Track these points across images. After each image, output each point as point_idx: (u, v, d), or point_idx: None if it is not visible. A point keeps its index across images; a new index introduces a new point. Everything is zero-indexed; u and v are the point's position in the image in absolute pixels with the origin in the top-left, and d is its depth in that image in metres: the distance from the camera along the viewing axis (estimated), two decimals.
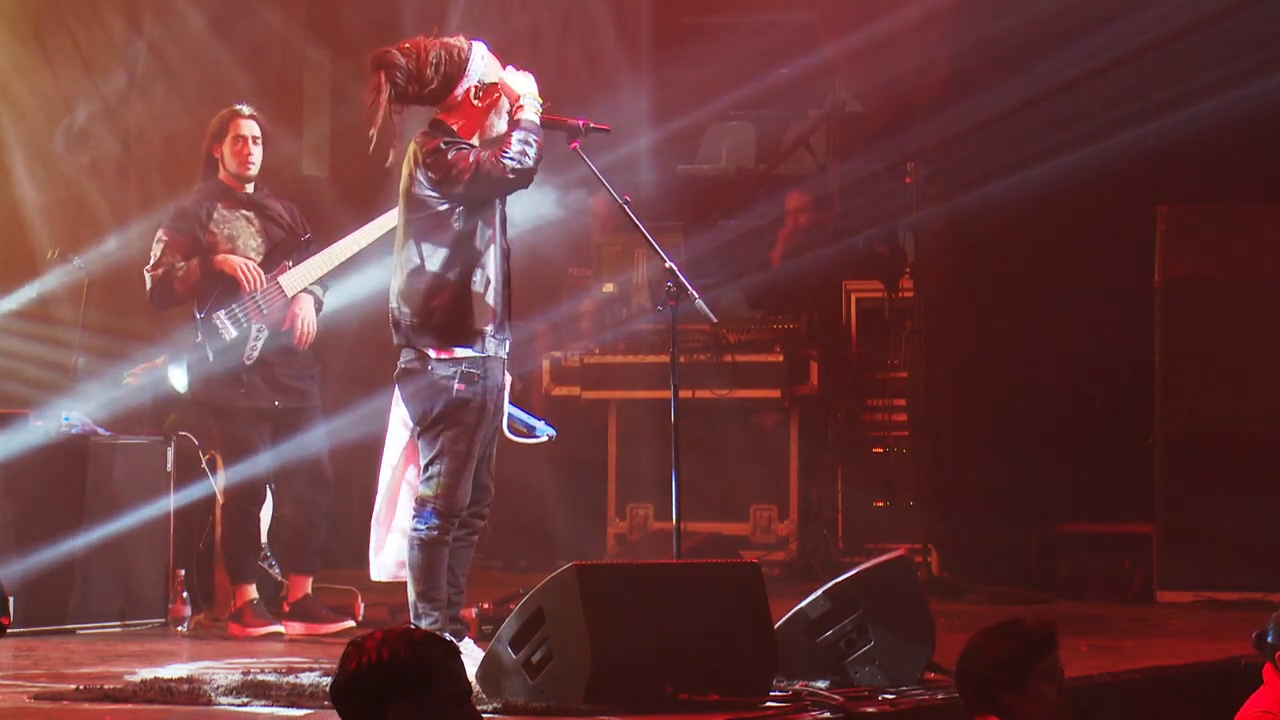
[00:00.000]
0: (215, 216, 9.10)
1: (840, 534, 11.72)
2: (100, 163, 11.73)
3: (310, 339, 9.10)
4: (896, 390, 11.74)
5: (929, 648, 7.19)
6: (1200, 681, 7.74)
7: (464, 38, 7.44)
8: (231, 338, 9.00)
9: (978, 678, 5.17)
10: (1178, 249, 10.71)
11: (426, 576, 7.26)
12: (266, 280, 9.05)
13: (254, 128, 9.12)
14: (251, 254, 9.07)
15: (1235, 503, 10.48)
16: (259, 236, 9.13)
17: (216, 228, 9.10)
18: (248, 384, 9.03)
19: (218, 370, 9.05)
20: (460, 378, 7.21)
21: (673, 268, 7.40)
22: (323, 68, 13.12)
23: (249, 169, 9.15)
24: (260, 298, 9.02)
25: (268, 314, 9.04)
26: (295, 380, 9.13)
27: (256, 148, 9.13)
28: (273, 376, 9.07)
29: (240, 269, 8.99)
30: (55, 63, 11.63)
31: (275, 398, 9.07)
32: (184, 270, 9.04)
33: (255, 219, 9.15)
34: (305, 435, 9.15)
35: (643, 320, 12.01)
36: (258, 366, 9.04)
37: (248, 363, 9.01)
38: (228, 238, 9.09)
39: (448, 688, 4.18)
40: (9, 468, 9.09)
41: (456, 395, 7.21)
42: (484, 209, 7.27)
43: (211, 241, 9.07)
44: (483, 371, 7.25)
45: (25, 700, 6.83)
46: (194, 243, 9.08)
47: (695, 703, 6.44)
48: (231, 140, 9.13)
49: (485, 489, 7.47)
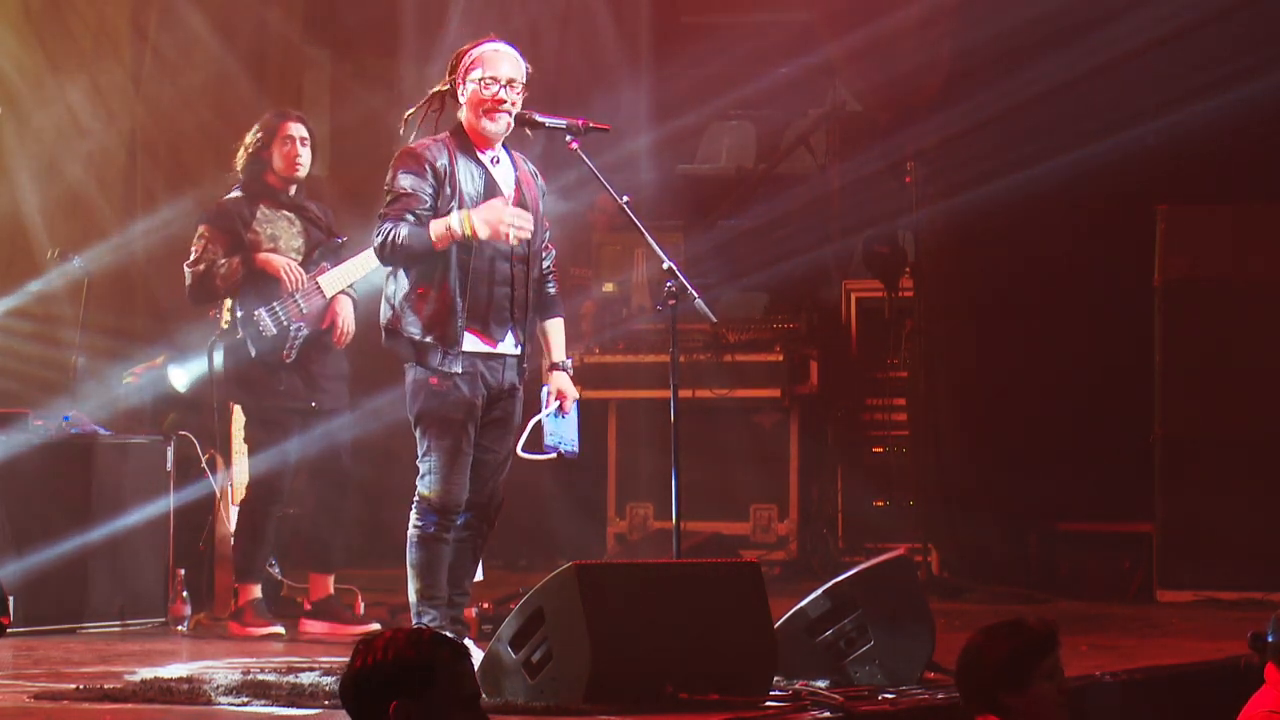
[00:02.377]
0: (258, 216, 9.16)
1: (840, 534, 11.72)
2: (101, 163, 11.73)
3: (349, 339, 9.14)
4: (896, 390, 11.74)
5: (929, 647, 7.19)
6: (1200, 681, 7.74)
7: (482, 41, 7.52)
8: (272, 335, 9.04)
9: (978, 677, 5.16)
10: (1178, 249, 10.71)
11: (426, 574, 7.28)
12: (307, 281, 9.10)
13: (302, 130, 9.20)
14: (293, 254, 9.14)
15: (1235, 503, 10.48)
16: (300, 237, 9.19)
17: (259, 227, 9.15)
18: (286, 383, 9.07)
19: (256, 367, 9.08)
20: (433, 373, 7.26)
21: (672, 267, 7.40)
22: (323, 68, 13.12)
23: (297, 170, 9.21)
24: (301, 298, 9.08)
25: (307, 314, 9.09)
26: (331, 381, 9.18)
27: (305, 149, 9.19)
28: (310, 376, 9.12)
29: (284, 269, 9.05)
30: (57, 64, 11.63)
31: (313, 398, 9.11)
32: (226, 267, 9.09)
33: (296, 220, 9.21)
34: (333, 435, 9.16)
35: (643, 320, 12.01)
36: (296, 366, 9.08)
37: (287, 361, 9.06)
38: (270, 237, 9.15)
39: (453, 689, 4.18)
40: (9, 468, 9.09)
41: (432, 390, 7.28)
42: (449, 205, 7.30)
43: (254, 240, 9.13)
44: (462, 367, 7.26)
45: (25, 700, 6.83)
46: (236, 240, 9.12)
47: (695, 702, 6.43)
48: (280, 141, 9.19)
49: (491, 495, 7.46)
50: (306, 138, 9.20)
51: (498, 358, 7.39)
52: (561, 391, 7.55)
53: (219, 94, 11.98)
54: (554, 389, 7.56)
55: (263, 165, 9.21)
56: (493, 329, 7.37)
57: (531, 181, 7.55)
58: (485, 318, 7.34)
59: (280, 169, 9.19)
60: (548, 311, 7.62)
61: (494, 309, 7.37)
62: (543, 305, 7.58)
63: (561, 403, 7.54)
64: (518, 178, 7.50)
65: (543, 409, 7.53)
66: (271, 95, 11.99)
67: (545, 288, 7.60)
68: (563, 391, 7.55)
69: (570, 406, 7.56)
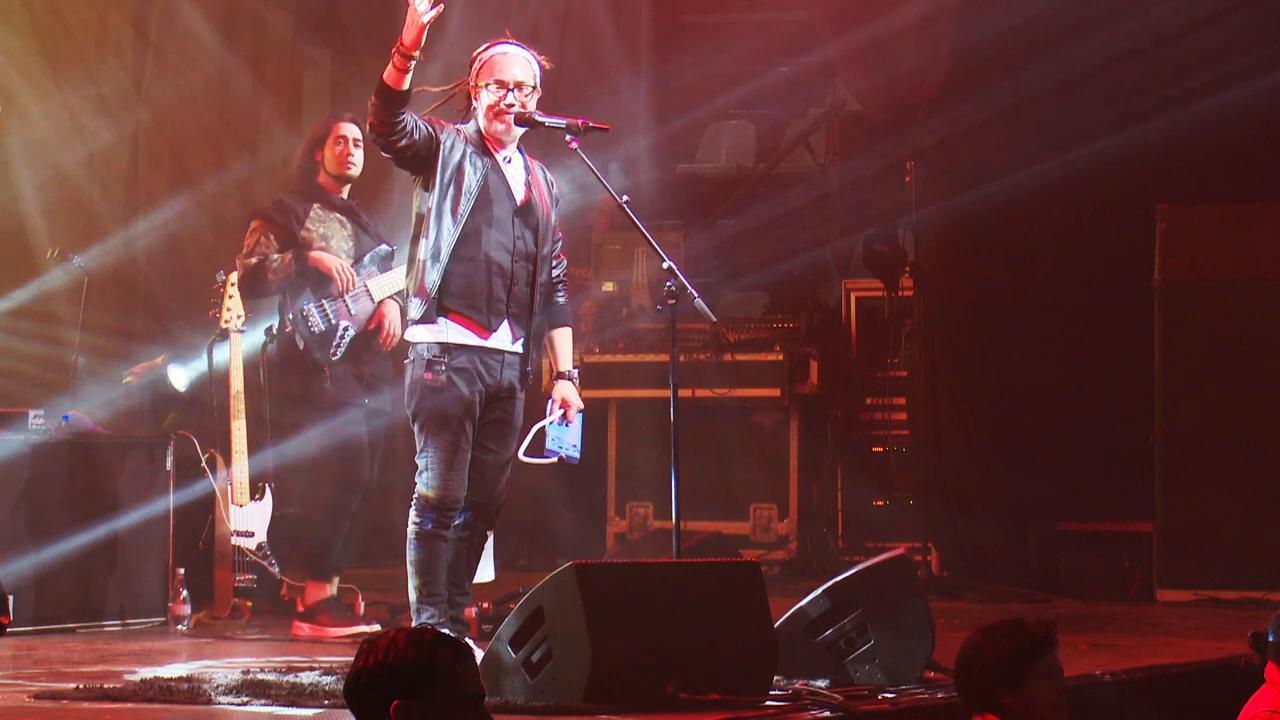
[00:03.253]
0: (312, 215, 9.22)
1: (840, 533, 11.72)
2: (102, 163, 11.74)
3: (395, 342, 9.16)
4: (896, 389, 11.75)
5: (929, 647, 7.19)
6: (1200, 680, 7.74)
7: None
8: (320, 331, 9.09)
9: (976, 677, 5.16)
10: (1178, 249, 10.71)
11: (424, 571, 7.29)
12: (357, 283, 9.13)
13: (355, 130, 9.25)
14: (343, 255, 9.19)
15: (1235, 503, 10.49)
16: (350, 240, 9.25)
17: (312, 225, 9.21)
18: (331, 378, 9.11)
19: (305, 359, 9.12)
20: (426, 366, 7.29)
21: (672, 267, 7.40)
22: (323, 68, 13.13)
23: (349, 169, 9.27)
24: (350, 298, 9.12)
25: (355, 315, 9.13)
26: (381, 383, 9.21)
27: (358, 150, 9.27)
28: (361, 374, 9.16)
29: (336, 269, 9.12)
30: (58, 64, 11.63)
31: (364, 395, 9.15)
32: (279, 263, 9.14)
33: (347, 223, 9.28)
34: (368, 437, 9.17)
35: (643, 319, 12.02)
36: (345, 362, 9.11)
37: (334, 358, 9.09)
38: (322, 236, 9.21)
39: (455, 689, 4.19)
40: (9, 468, 9.09)
41: (427, 385, 7.29)
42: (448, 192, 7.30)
43: (306, 238, 9.19)
44: (454, 360, 7.27)
45: (25, 699, 6.83)
46: (290, 237, 9.19)
47: (695, 702, 6.43)
48: (333, 142, 9.27)
49: (492, 496, 7.46)
50: (359, 139, 9.25)
51: (494, 353, 7.38)
52: (566, 400, 7.57)
53: (219, 94, 11.99)
54: (558, 398, 7.57)
55: (315, 166, 9.30)
56: (486, 318, 7.36)
57: (544, 187, 7.57)
58: (477, 305, 7.33)
59: (333, 169, 9.27)
60: (556, 320, 7.64)
61: (493, 300, 7.37)
62: (551, 314, 7.60)
63: (565, 411, 7.55)
64: (529, 180, 7.51)
65: (546, 416, 7.54)
66: (271, 95, 12.00)
67: (555, 296, 7.62)
68: (567, 400, 7.57)
69: (574, 416, 7.57)
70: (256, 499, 9.52)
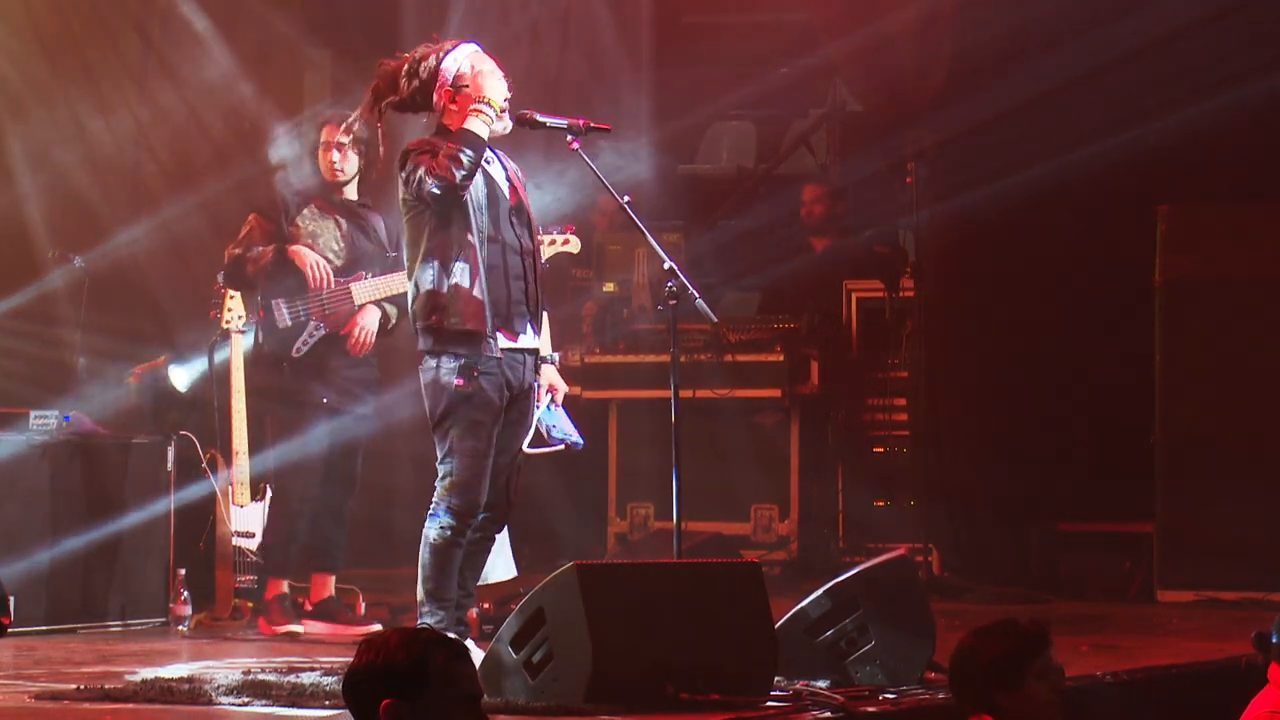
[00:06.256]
0: (305, 213, 9.23)
1: (840, 534, 11.71)
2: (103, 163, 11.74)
3: (366, 349, 9.14)
4: (896, 390, 11.74)
5: (929, 647, 7.19)
6: (1200, 681, 7.73)
7: (454, 41, 7.46)
8: (285, 327, 9.09)
9: (971, 678, 5.16)
10: (1178, 249, 10.71)
11: (437, 576, 7.27)
12: (336, 284, 9.11)
13: (341, 136, 9.13)
14: (330, 255, 9.17)
15: (1235, 503, 10.48)
16: (342, 241, 9.22)
17: (302, 223, 9.22)
18: (288, 374, 9.10)
19: (264, 357, 9.17)
20: (458, 373, 7.24)
21: (673, 267, 7.41)
22: (323, 68, 13.13)
23: (335, 176, 9.24)
24: (326, 298, 9.09)
25: (330, 315, 9.11)
26: (350, 383, 9.18)
27: (341, 154, 9.19)
28: (325, 373, 9.13)
29: (310, 265, 9.09)
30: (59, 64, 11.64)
31: (325, 394, 9.13)
32: (257, 254, 9.15)
33: (344, 224, 9.24)
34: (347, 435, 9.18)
35: (643, 320, 12.01)
36: (307, 361, 9.09)
37: (295, 355, 9.09)
38: (309, 234, 9.21)
39: (450, 689, 4.18)
40: (9, 468, 9.10)
41: (457, 391, 7.23)
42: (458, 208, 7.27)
43: (293, 234, 9.20)
44: (487, 366, 7.26)
45: (26, 700, 6.83)
46: (277, 231, 9.21)
47: (695, 702, 6.43)
48: (324, 150, 9.26)
49: (506, 495, 7.46)
50: (345, 144, 9.18)
51: (519, 354, 7.39)
52: (553, 385, 7.61)
53: (221, 95, 11.99)
54: (544, 383, 7.59)
55: (315, 166, 9.30)
56: (515, 323, 7.37)
57: (520, 180, 7.59)
58: (508, 314, 7.35)
59: (323, 173, 9.28)
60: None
61: (514, 303, 7.38)
62: None
63: (554, 395, 7.59)
64: (508, 176, 7.52)
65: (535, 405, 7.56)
66: (273, 95, 12.00)
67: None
68: (554, 385, 7.61)
69: (560, 399, 7.62)
70: (257, 499, 9.52)
